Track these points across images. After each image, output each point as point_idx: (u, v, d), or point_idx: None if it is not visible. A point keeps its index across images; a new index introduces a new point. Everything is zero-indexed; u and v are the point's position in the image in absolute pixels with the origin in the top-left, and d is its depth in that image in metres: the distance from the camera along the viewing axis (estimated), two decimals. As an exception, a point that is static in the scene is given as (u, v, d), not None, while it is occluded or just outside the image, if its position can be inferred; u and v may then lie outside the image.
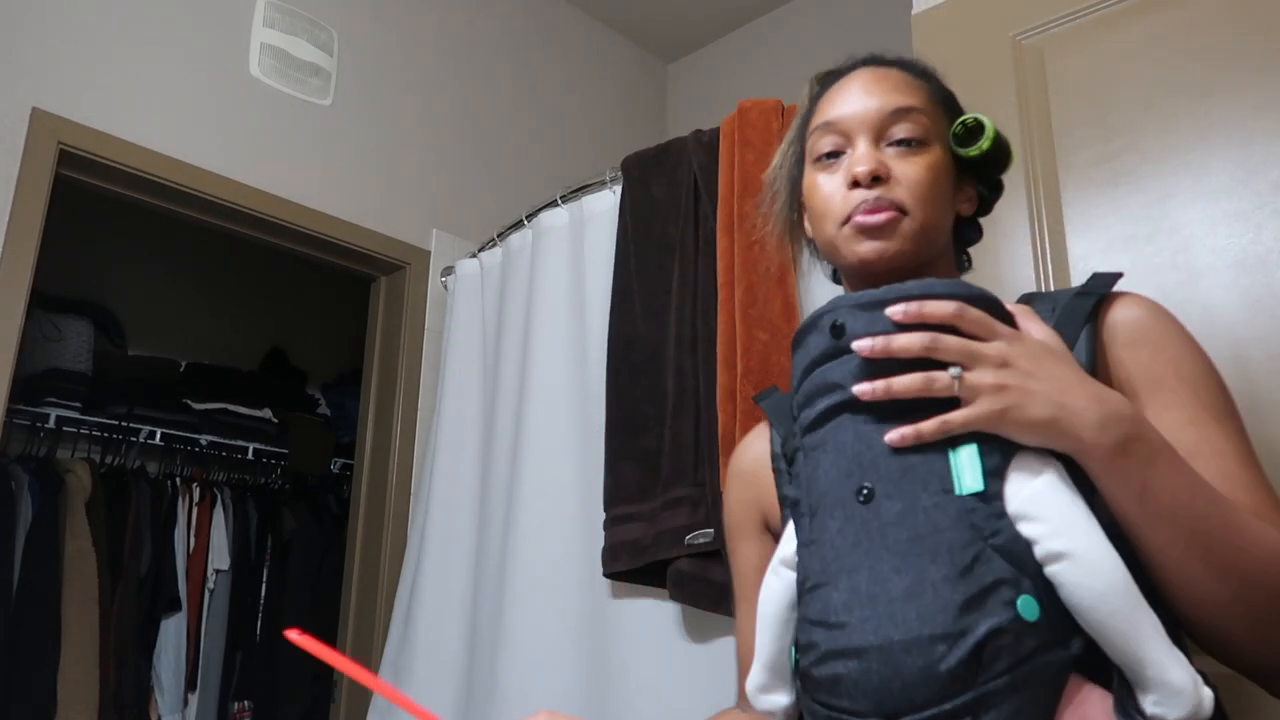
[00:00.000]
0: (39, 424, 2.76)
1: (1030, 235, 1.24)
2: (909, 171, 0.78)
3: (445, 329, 2.43)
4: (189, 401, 3.17)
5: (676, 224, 1.78)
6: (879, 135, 0.81)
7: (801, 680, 0.66)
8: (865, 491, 0.63)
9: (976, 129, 0.81)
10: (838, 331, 0.67)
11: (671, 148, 1.86)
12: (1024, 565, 0.59)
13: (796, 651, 0.66)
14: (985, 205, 0.90)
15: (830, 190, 0.81)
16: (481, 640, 1.92)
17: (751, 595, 0.87)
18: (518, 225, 2.27)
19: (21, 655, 2.34)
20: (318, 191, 2.32)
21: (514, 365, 2.08)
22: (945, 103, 0.85)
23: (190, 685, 2.85)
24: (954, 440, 0.63)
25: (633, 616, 1.66)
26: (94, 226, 3.17)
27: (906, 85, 0.83)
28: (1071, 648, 0.59)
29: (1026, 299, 0.80)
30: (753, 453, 0.90)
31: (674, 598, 1.53)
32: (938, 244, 0.81)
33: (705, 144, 1.78)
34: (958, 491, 0.61)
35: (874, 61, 0.87)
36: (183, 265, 3.47)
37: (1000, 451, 0.63)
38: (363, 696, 2.23)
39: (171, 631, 2.80)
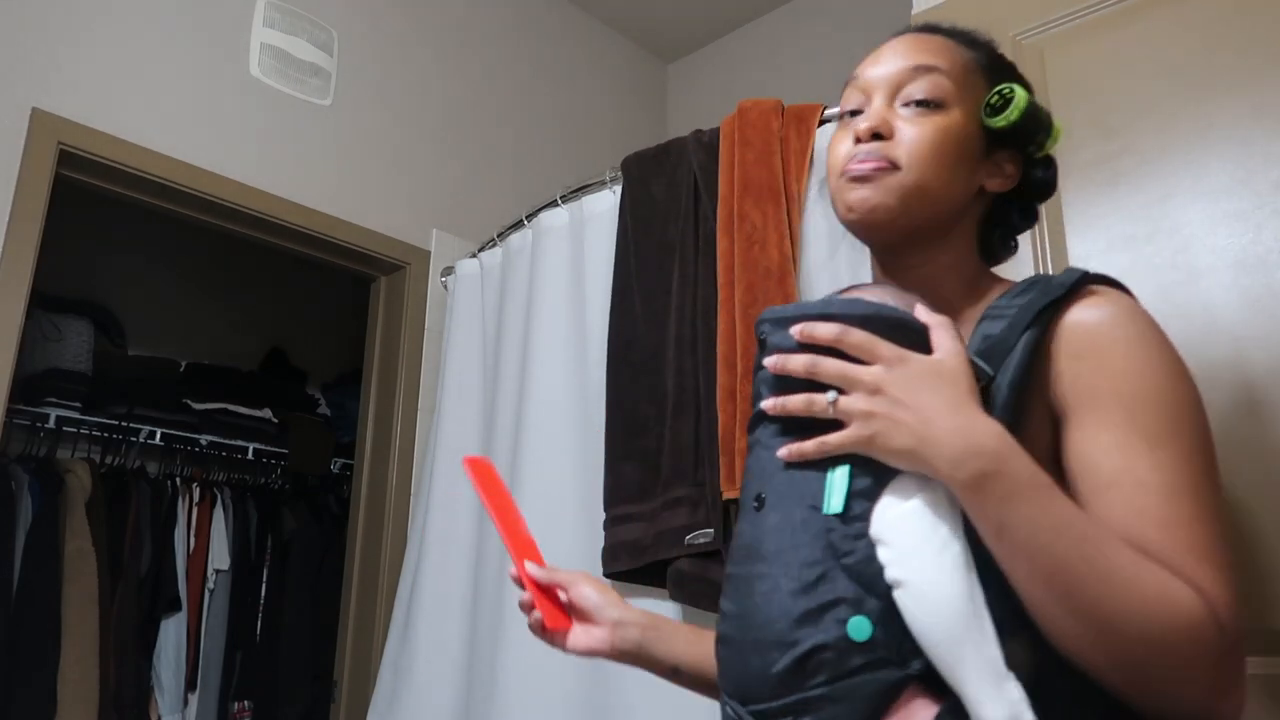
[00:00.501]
0: (39, 424, 2.76)
1: (1030, 235, 1.24)
2: (913, 131, 0.76)
3: (445, 329, 2.43)
4: (189, 401, 3.17)
5: (676, 224, 1.78)
6: (894, 93, 0.79)
7: None
8: (758, 501, 0.69)
9: (1008, 100, 0.78)
10: (761, 343, 0.72)
11: (671, 148, 1.86)
12: (873, 586, 0.62)
13: None
14: (1041, 187, 0.84)
15: (837, 146, 0.81)
16: (481, 640, 1.92)
17: None
18: (518, 225, 2.27)
19: (21, 655, 2.34)
20: (317, 191, 2.32)
21: (514, 365, 2.08)
22: (991, 70, 0.82)
23: (190, 685, 2.85)
24: (836, 460, 0.66)
25: (633, 616, 1.66)
26: (94, 226, 3.17)
27: (941, 48, 0.81)
28: (910, 667, 0.61)
29: (1029, 283, 0.76)
30: None
31: (674, 598, 1.53)
32: (941, 212, 0.77)
33: (705, 144, 1.78)
34: (824, 510, 0.65)
35: (921, 29, 0.85)
36: (183, 265, 3.47)
37: (874, 474, 0.65)
38: (363, 696, 2.23)
39: (171, 631, 2.80)
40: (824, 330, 0.67)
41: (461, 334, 2.32)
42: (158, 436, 3.03)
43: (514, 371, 2.07)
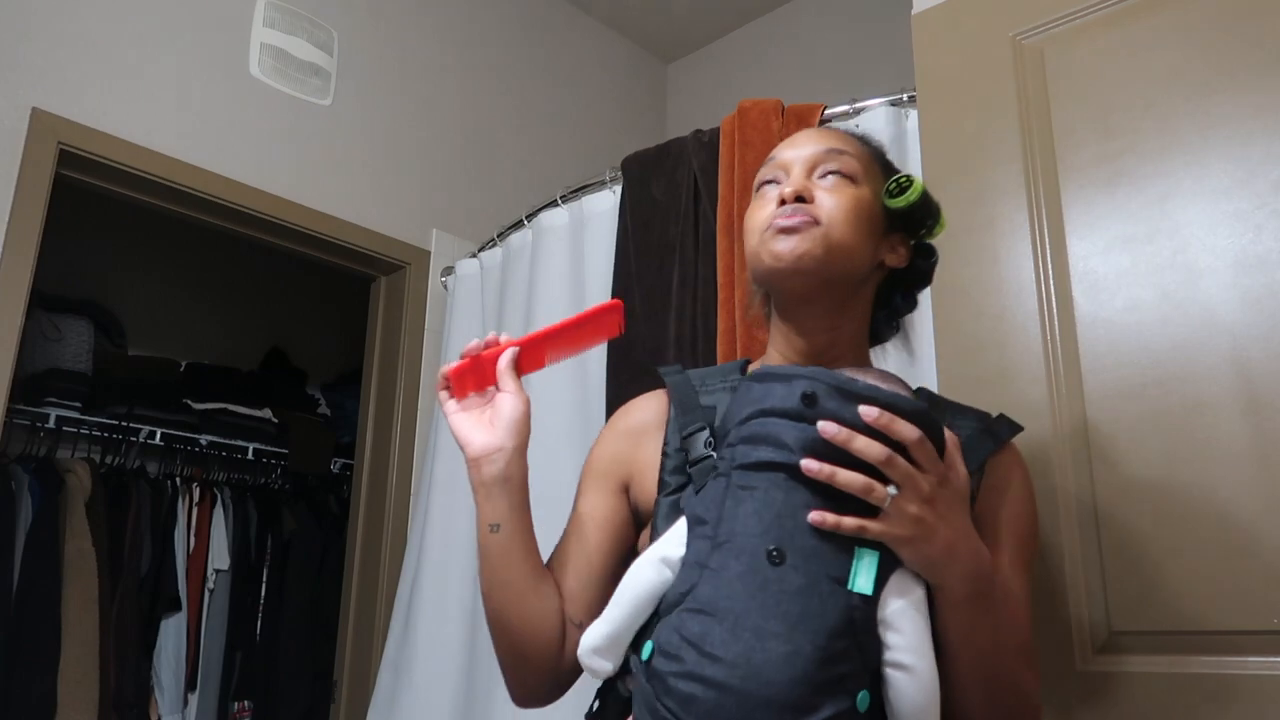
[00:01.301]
0: (39, 424, 2.76)
1: (1030, 235, 1.23)
2: (831, 197, 0.88)
3: (445, 329, 2.43)
4: (189, 401, 3.17)
5: (676, 224, 1.78)
6: (812, 168, 0.90)
7: (648, 675, 0.72)
8: (777, 555, 0.70)
9: (906, 184, 0.89)
10: (809, 400, 0.72)
11: (671, 148, 1.86)
12: (869, 663, 0.69)
13: (654, 648, 0.73)
14: (922, 274, 0.96)
15: (759, 209, 0.91)
16: (481, 640, 1.92)
17: (588, 536, 0.91)
18: (518, 225, 2.27)
19: (21, 655, 2.34)
20: (318, 191, 2.32)
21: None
22: (885, 166, 0.95)
23: (190, 685, 2.85)
24: (860, 540, 0.71)
25: (633, 616, 1.66)
26: (94, 226, 3.17)
27: (846, 140, 0.93)
28: None
29: (927, 397, 0.90)
30: (642, 417, 0.96)
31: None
32: (851, 273, 0.88)
33: (705, 144, 1.78)
34: (850, 587, 0.69)
35: (821, 126, 1.02)
36: (183, 265, 3.47)
37: (890, 564, 0.72)
38: (363, 696, 2.23)
39: (171, 631, 2.80)
40: (908, 433, 0.71)
41: (461, 334, 2.32)
42: (158, 436, 3.03)
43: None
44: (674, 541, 0.78)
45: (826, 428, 0.71)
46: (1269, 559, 1.00)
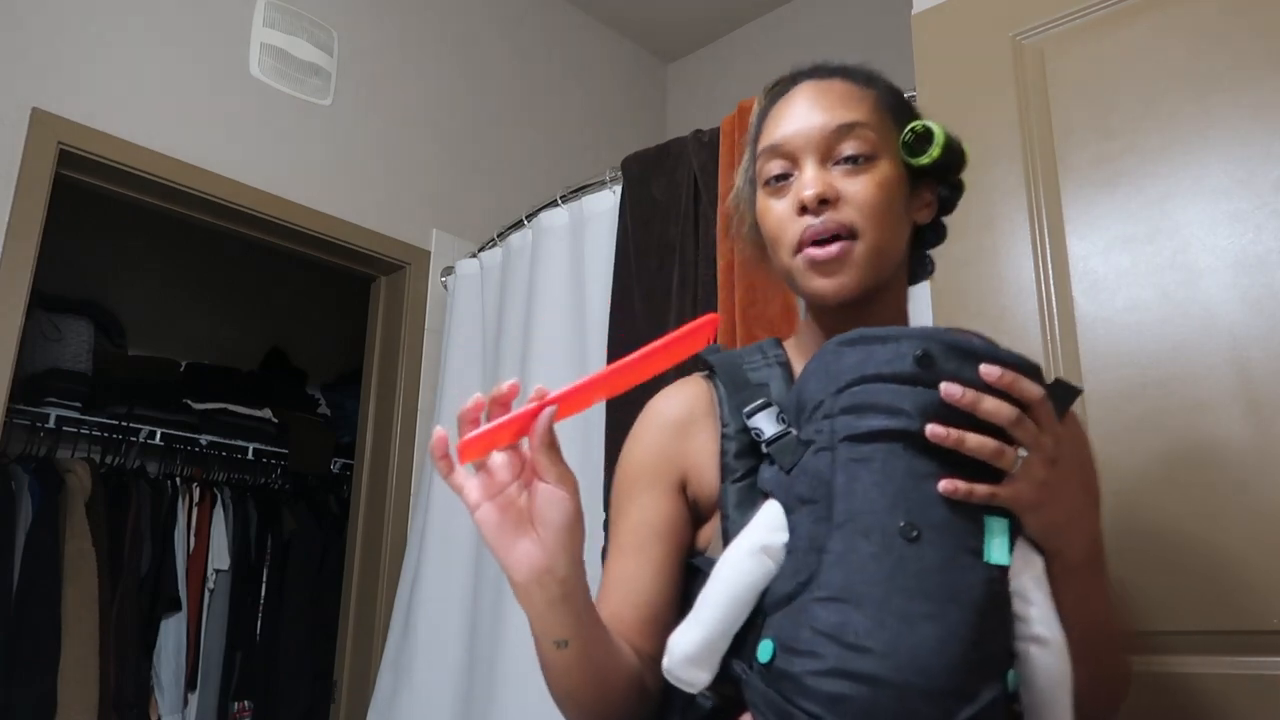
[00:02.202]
0: (39, 424, 2.76)
1: (1030, 235, 1.24)
2: (858, 191, 0.78)
3: (445, 329, 2.43)
4: (189, 401, 3.17)
5: (676, 224, 1.78)
6: (825, 155, 0.80)
7: (771, 678, 0.65)
8: (913, 530, 0.64)
9: (925, 136, 0.80)
10: (925, 361, 0.66)
11: (671, 148, 1.86)
12: (1010, 641, 0.65)
13: (776, 647, 0.65)
14: (947, 205, 0.88)
15: (780, 215, 0.81)
16: (481, 640, 1.92)
17: (649, 548, 0.80)
18: (518, 225, 2.27)
19: (21, 655, 2.34)
20: (318, 191, 2.32)
21: (514, 365, 2.08)
22: (894, 109, 0.83)
23: (190, 685, 2.85)
24: (987, 509, 0.66)
25: (633, 616, 1.65)
26: (94, 226, 3.16)
27: (851, 97, 0.81)
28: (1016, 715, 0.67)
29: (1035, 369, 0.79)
30: (683, 406, 0.85)
31: (674, 598, 1.52)
32: (893, 261, 0.81)
33: (705, 144, 1.78)
34: (985, 559, 0.64)
35: (816, 73, 0.85)
36: (183, 265, 3.47)
37: (1015, 532, 0.67)
38: (363, 696, 2.23)
39: (171, 631, 2.80)
40: (1033, 391, 0.67)
41: (461, 334, 2.32)
42: (158, 436, 3.03)
43: (514, 371, 2.07)
44: (770, 527, 0.70)
45: (951, 390, 0.64)
46: (1269, 559, 1.00)
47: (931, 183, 0.85)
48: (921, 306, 1.08)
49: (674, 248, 1.77)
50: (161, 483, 2.94)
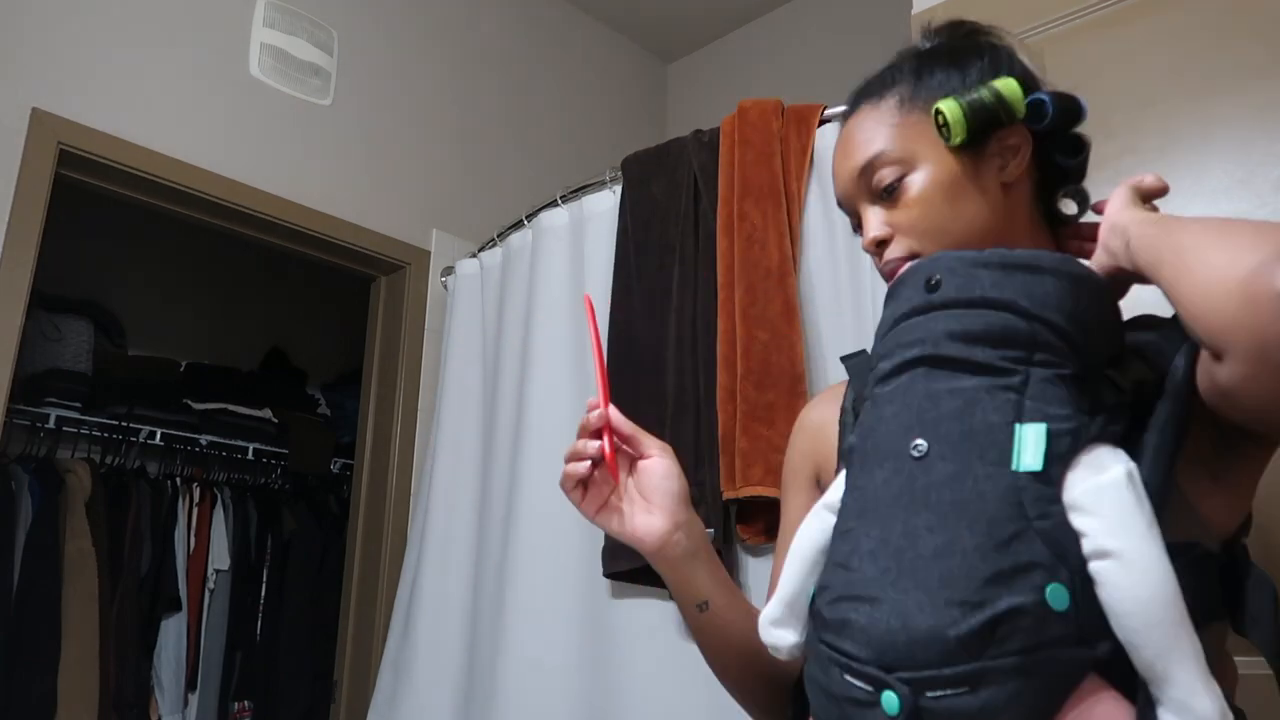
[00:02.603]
0: (39, 424, 2.76)
1: (1030, 235, 1.24)
2: (902, 217, 0.78)
3: (445, 329, 2.43)
4: (189, 401, 3.17)
5: (676, 224, 1.78)
6: (869, 194, 0.81)
7: (812, 619, 0.66)
8: (920, 447, 0.62)
9: (944, 119, 0.76)
10: (933, 287, 0.66)
11: (671, 148, 1.86)
12: (1066, 556, 0.57)
13: (814, 591, 0.67)
14: (1056, 122, 0.79)
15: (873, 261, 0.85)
16: (481, 640, 1.92)
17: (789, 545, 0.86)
18: (518, 225, 2.27)
19: (22, 655, 2.34)
20: (318, 191, 2.32)
21: (514, 365, 2.08)
22: (921, 94, 0.80)
23: (190, 685, 2.85)
24: (1023, 417, 0.61)
25: (632, 616, 1.66)
26: (94, 226, 3.17)
27: (868, 126, 0.81)
28: (1097, 649, 0.57)
29: (1144, 320, 0.75)
30: (822, 409, 0.90)
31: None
32: (988, 239, 0.75)
33: (705, 144, 1.78)
34: (1014, 466, 0.60)
35: (848, 112, 0.85)
36: (183, 265, 3.47)
37: (1072, 438, 0.60)
38: (363, 696, 2.23)
39: (171, 631, 2.80)
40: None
41: (461, 334, 2.32)
42: (158, 436, 3.03)
43: (514, 371, 2.07)
44: (836, 485, 0.71)
45: None
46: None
47: (1007, 130, 0.78)
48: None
49: (674, 248, 1.77)
50: (161, 483, 2.94)
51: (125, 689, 2.58)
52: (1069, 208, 0.82)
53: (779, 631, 0.71)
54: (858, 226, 0.84)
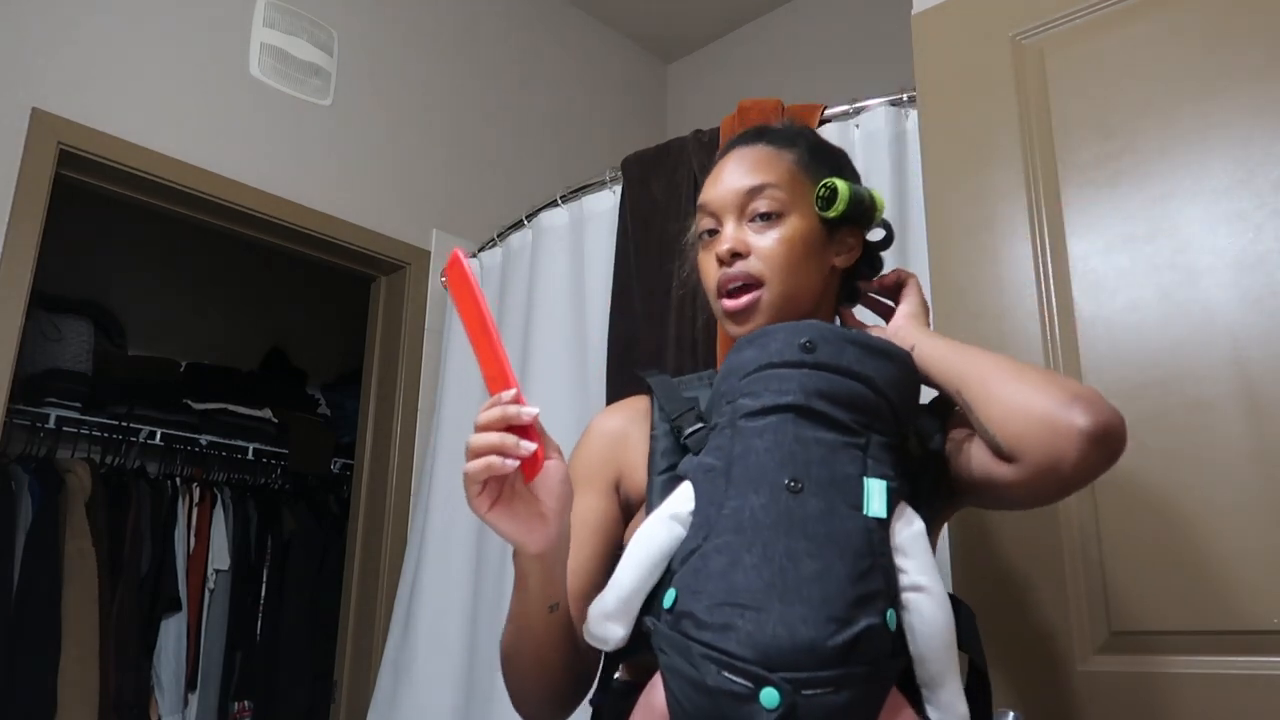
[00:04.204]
0: (39, 424, 2.76)
1: (1030, 235, 1.23)
2: (765, 245, 0.91)
3: (445, 329, 2.43)
4: (189, 401, 3.17)
5: (676, 224, 1.78)
6: (740, 213, 0.93)
7: (675, 618, 0.72)
8: (796, 484, 0.73)
9: (833, 194, 0.91)
10: (808, 347, 0.79)
11: (671, 148, 1.86)
12: (891, 587, 0.72)
13: (677, 593, 0.73)
14: (880, 244, 1.00)
15: (707, 267, 0.96)
16: (481, 640, 1.92)
17: (583, 542, 0.90)
18: (518, 225, 2.27)
19: (21, 655, 2.34)
20: (318, 191, 2.32)
21: (514, 365, 2.07)
22: (812, 167, 0.95)
23: (190, 685, 2.85)
24: (868, 473, 0.75)
25: (633, 616, 1.65)
26: (94, 226, 3.16)
27: (767, 161, 0.94)
28: (901, 662, 0.72)
29: None
30: (620, 418, 0.98)
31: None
32: (805, 301, 0.92)
33: (705, 144, 1.78)
34: (865, 512, 0.73)
35: (745, 140, 0.98)
36: (183, 265, 3.46)
37: (897, 494, 0.75)
38: (363, 696, 2.23)
39: (171, 631, 2.80)
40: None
41: (461, 334, 2.32)
42: (158, 436, 3.03)
43: (514, 371, 2.07)
44: (681, 499, 0.78)
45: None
46: (1269, 559, 1.00)
47: (853, 229, 0.96)
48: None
49: (674, 248, 1.77)
50: (161, 483, 2.94)
51: (125, 689, 2.57)
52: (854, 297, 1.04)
53: (610, 625, 0.77)
54: (710, 232, 0.96)
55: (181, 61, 2.14)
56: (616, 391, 1.77)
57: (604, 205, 1.98)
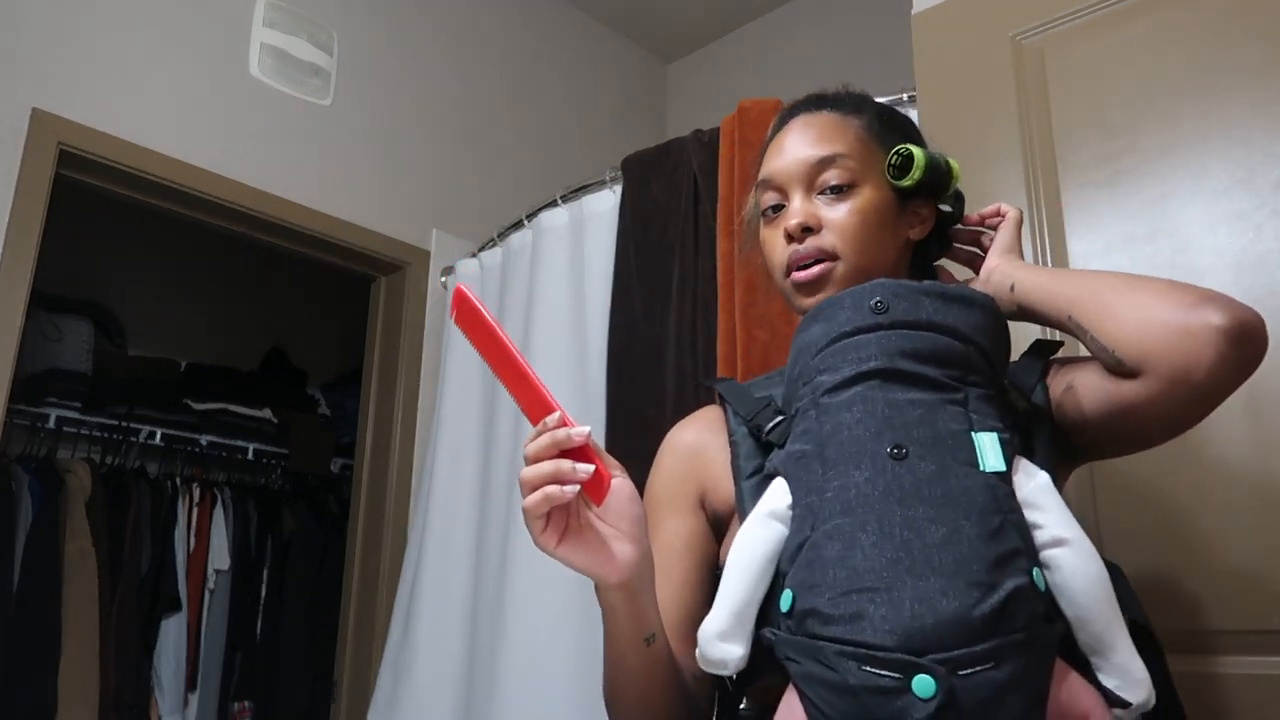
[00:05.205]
0: (39, 424, 2.76)
1: (1030, 235, 1.24)
2: (838, 218, 0.85)
3: (445, 329, 2.43)
4: (189, 402, 3.17)
5: (676, 224, 1.78)
6: (809, 185, 0.87)
7: (798, 620, 0.65)
8: (900, 450, 0.66)
9: (908, 161, 0.85)
10: (880, 308, 0.72)
11: (671, 148, 1.86)
12: (1029, 544, 0.65)
13: (793, 594, 0.66)
14: (951, 218, 0.93)
15: (774, 244, 0.89)
16: (481, 640, 1.92)
17: (673, 568, 0.85)
18: (518, 225, 2.27)
19: (21, 655, 2.34)
20: (318, 191, 2.32)
21: (514, 365, 2.08)
22: (881, 133, 0.89)
23: (190, 685, 2.85)
24: (974, 427, 0.68)
25: (633, 616, 1.65)
26: (94, 226, 3.16)
27: (834, 129, 0.88)
28: (1059, 627, 0.64)
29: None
30: (693, 432, 0.92)
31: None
32: (882, 269, 0.85)
33: (705, 144, 1.78)
34: (981, 467, 0.66)
35: (807, 106, 0.92)
36: (183, 265, 3.46)
37: (1012, 447, 0.69)
38: (363, 696, 2.23)
39: (171, 631, 2.80)
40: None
41: (461, 334, 2.32)
42: (158, 437, 3.03)
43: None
44: (777, 495, 0.72)
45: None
46: (1269, 559, 1.00)
47: (926, 200, 0.90)
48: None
49: (674, 247, 1.77)
50: (161, 483, 2.93)
51: (125, 689, 2.57)
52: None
53: (726, 646, 0.70)
54: (775, 208, 0.89)
55: (181, 61, 2.14)
56: (617, 392, 1.77)
57: (604, 205, 1.98)
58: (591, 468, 0.70)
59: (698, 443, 0.90)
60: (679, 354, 1.68)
